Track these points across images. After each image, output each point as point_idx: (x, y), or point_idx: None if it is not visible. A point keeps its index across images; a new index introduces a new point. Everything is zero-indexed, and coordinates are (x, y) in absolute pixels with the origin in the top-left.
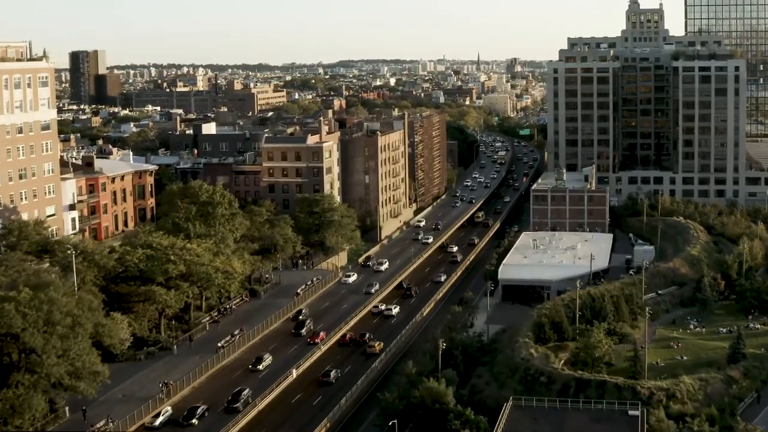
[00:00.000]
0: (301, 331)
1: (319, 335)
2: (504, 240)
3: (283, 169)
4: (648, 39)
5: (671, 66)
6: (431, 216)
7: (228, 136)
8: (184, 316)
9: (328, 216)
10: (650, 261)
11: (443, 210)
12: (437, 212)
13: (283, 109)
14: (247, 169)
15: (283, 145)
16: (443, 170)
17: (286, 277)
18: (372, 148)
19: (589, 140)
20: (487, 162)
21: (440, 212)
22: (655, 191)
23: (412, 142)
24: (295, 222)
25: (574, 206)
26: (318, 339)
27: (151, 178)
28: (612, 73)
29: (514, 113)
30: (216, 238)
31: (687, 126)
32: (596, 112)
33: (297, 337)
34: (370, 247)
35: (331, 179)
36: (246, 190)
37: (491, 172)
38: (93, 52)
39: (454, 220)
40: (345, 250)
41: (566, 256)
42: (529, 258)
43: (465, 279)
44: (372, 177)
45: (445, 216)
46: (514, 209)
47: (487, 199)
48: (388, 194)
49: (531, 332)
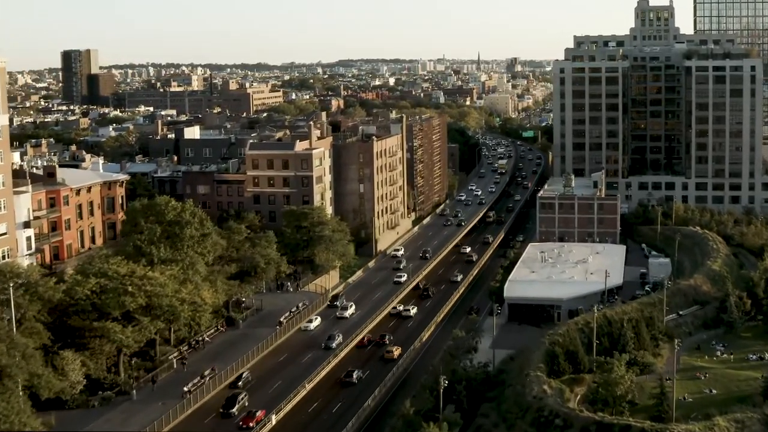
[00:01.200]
0: (232, 410)
1: (255, 416)
2: (509, 251)
3: (269, 178)
4: (658, 37)
5: (683, 66)
6: (415, 241)
7: (212, 141)
8: (150, 352)
9: (317, 231)
10: (667, 275)
11: (429, 233)
12: (421, 237)
13: (279, 109)
14: (230, 178)
15: (269, 152)
16: (444, 176)
17: (270, 301)
18: (367, 155)
19: (597, 144)
20: (488, 170)
21: (425, 237)
22: (666, 197)
23: (410, 147)
24: (281, 238)
25: (583, 214)
26: (253, 422)
27: (121, 190)
28: (621, 72)
29: (515, 114)
30: (184, 264)
31: (700, 129)
32: (605, 113)
33: (226, 419)
34: (364, 262)
35: (322, 189)
36: (229, 201)
37: (490, 184)
38: (85, 52)
39: (440, 247)
40: (336, 267)
41: (577, 271)
42: (537, 273)
43: (467, 295)
44: (367, 186)
45: (431, 240)
46: (519, 217)
47: (481, 219)
48: (384, 204)
49: (543, 363)
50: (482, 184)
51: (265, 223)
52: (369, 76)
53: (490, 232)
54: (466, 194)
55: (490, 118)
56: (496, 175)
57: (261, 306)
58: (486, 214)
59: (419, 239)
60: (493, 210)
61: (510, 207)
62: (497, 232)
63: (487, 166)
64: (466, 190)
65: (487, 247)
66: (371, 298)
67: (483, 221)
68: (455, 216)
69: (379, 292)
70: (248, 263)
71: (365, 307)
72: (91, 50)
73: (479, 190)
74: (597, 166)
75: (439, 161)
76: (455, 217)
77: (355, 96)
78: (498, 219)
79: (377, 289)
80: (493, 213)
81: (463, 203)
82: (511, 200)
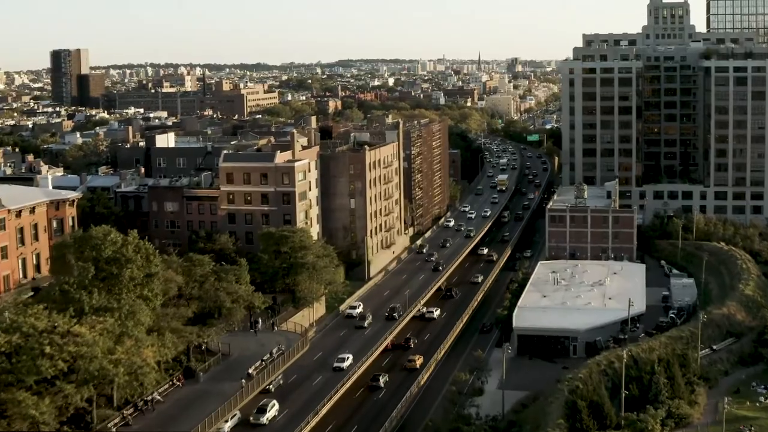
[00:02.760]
0: None
1: None
2: (517, 272)
3: (245, 194)
4: (672, 36)
5: (700, 66)
6: (377, 293)
7: (186, 150)
8: (86, 416)
9: (299, 257)
10: (692, 299)
11: (402, 272)
12: (394, 278)
13: (274, 111)
14: (202, 194)
15: (245, 165)
16: (445, 186)
17: (240, 344)
18: (359, 166)
19: (609, 150)
20: (486, 185)
21: (397, 278)
22: (684, 208)
23: (408, 155)
24: (257, 264)
25: (596, 228)
26: None
27: (72, 210)
28: (635, 73)
29: (517, 115)
30: (122, 313)
31: (720, 134)
32: (617, 117)
33: None
34: (356, 288)
35: (306, 206)
36: (200, 221)
37: (485, 206)
38: (75, 51)
39: (420, 291)
40: (323, 295)
41: (594, 296)
42: (549, 297)
43: (471, 321)
44: (359, 201)
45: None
46: (526, 229)
47: (473, 251)
48: (378, 221)
49: (562, 417)
50: (478, 204)
51: (241, 246)
52: (368, 77)
53: (479, 270)
54: (455, 221)
55: (492, 121)
56: (494, 195)
57: (229, 351)
58: (478, 246)
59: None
60: (487, 242)
61: (505, 237)
62: (502, 251)
63: (487, 180)
64: (459, 212)
65: (491, 266)
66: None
67: (474, 251)
68: (430, 256)
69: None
70: (211, 302)
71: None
72: (81, 50)
73: (473, 212)
74: (609, 173)
75: (440, 170)
76: (430, 257)
77: (353, 97)
78: (489, 257)
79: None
80: (485, 249)
81: (452, 229)
82: (507, 228)
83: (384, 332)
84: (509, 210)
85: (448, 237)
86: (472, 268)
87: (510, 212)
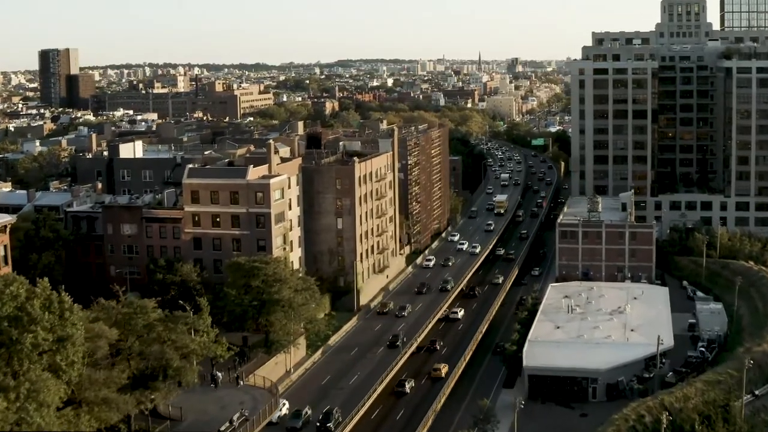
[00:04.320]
0: None
1: None
2: (526, 297)
3: (213, 215)
4: (687, 34)
5: (719, 66)
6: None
7: (153, 162)
8: None
9: (273, 292)
10: (722, 328)
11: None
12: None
13: (268, 112)
14: (163, 215)
15: (212, 181)
16: (445, 198)
17: (196, 405)
18: (347, 180)
19: (622, 156)
20: (483, 205)
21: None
22: (703, 220)
23: (404, 165)
24: (223, 301)
25: (612, 245)
26: None
27: (4, 237)
28: (651, 74)
29: (519, 117)
30: (20, 392)
31: (742, 140)
32: (631, 122)
33: None
34: (345, 320)
35: (284, 230)
36: (162, 246)
37: (479, 232)
38: (64, 51)
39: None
40: (302, 336)
41: (614, 326)
42: (563, 329)
43: (475, 358)
44: (347, 220)
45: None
46: (534, 243)
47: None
48: (370, 242)
49: None
50: (473, 228)
51: (208, 276)
52: (367, 77)
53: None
54: (435, 258)
55: (494, 123)
56: (488, 221)
57: (181, 415)
58: (450, 308)
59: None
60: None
61: (495, 282)
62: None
63: (485, 198)
64: (446, 243)
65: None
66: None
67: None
68: (399, 311)
69: (361, 369)
70: (155, 361)
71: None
72: (71, 49)
73: (463, 243)
74: (621, 182)
75: (440, 180)
76: (399, 311)
77: (350, 98)
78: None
79: (358, 366)
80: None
81: (431, 269)
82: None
83: (380, 372)
84: (504, 242)
85: (420, 289)
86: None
87: (506, 246)
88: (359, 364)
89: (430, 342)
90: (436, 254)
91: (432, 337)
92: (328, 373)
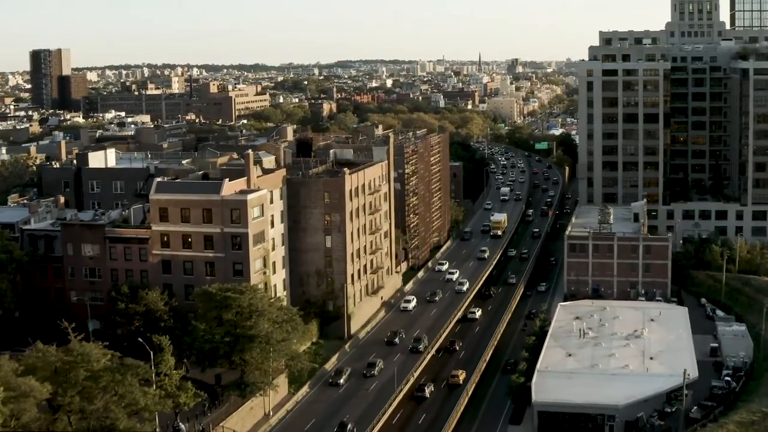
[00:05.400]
0: None
1: None
2: (533, 319)
3: (184, 235)
4: (699, 34)
5: (734, 67)
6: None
7: (124, 172)
8: None
9: (247, 327)
10: (748, 354)
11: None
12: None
13: (263, 114)
14: (129, 235)
15: (182, 197)
16: (445, 208)
17: None
18: (336, 194)
19: (633, 162)
20: (478, 224)
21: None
22: (718, 230)
23: (401, 175)
24: (191, 336)
25: (624, 259)
26: None
27: None
28: (663, 75)
29: (521, 118)
30: None
31: (759, 145)
32: (642, 126)
33: None
34: (333, 349)
35: (264, 251)
36: (128, 269)
37: (471, 258)
38: (56, 51)
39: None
40: (283, 374)
41: (631, 354)
42: (575, 357)
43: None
44: (336, 238)
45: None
46: (541, 254)
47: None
48: (362, 261)
49: None
50: (463, 255)
51: (179, 305)
52: (366, 78)
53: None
54: (411, 301)
55: (495, 126)
56: (482, 248)
57: None
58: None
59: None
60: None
61: (510, 280)
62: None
63: (483, 214)
64: (432, 273)
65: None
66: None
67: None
68: (372, 367)
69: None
70: (96, 421)
71: None
72: (63, 50)
73: (453, 273)
74: (631, 190)
75: (439, 190)
76: (372, 368)
77: (348, 99)
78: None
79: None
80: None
81: (410, 313)
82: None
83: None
84: (502, 268)
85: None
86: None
87: (501, 276)
88: (349, 404)
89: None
90: (423, 286)
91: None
92: (314, 416)
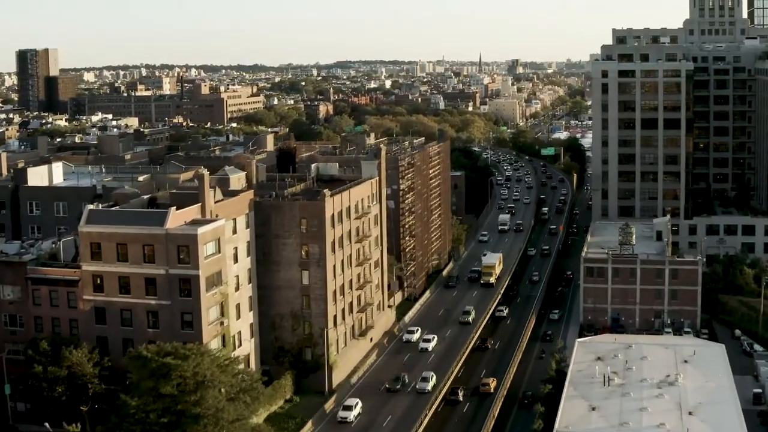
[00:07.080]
0: None
1: None
2: (548, 358)
3: (120, 277)
4: (720, 32)
5: (760, 68)
6: None
7: (68, 191)
8: None
9: (192, 402)
10: None
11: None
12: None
13: (257, 117)
14: (55, 275)
15: (118, 230)
16: (446, 226)
17: None
18: (315, 220)
19: (652, 173)
20: (467, 268)
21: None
22: (745, 247)
23: (395, 191)
24: (124, 410)
25: (648, 285)
26: None
27: None
28: (685, 77)
29: (523, 121)
30: None
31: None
32: (662, 132)
33: None
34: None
35: (221, 297)
36: (54, 317)
37: (450, 323)
38: (43, 51)
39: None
40: None
41: (666, 407)
42: (599, 411)
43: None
44: (315, 273)
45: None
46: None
47: None
48: (347, 299)
49: None
50: (439, 317)
51: (114, 366)
52: (365, 79)
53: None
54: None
55: (498, 129)
56: (465, 311)
57: None
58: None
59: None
60: None
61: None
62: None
63: (477, 246)
64: (399, 344)
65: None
66: None
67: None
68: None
69: None
70: None
71: None
72: (50, 50)
73: (427, 342)
74: (650, 202)
75: (439, 206)
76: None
77: (346, 101)
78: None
79: None
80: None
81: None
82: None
83: None
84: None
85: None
86: None
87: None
88: None
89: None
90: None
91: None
92: None
